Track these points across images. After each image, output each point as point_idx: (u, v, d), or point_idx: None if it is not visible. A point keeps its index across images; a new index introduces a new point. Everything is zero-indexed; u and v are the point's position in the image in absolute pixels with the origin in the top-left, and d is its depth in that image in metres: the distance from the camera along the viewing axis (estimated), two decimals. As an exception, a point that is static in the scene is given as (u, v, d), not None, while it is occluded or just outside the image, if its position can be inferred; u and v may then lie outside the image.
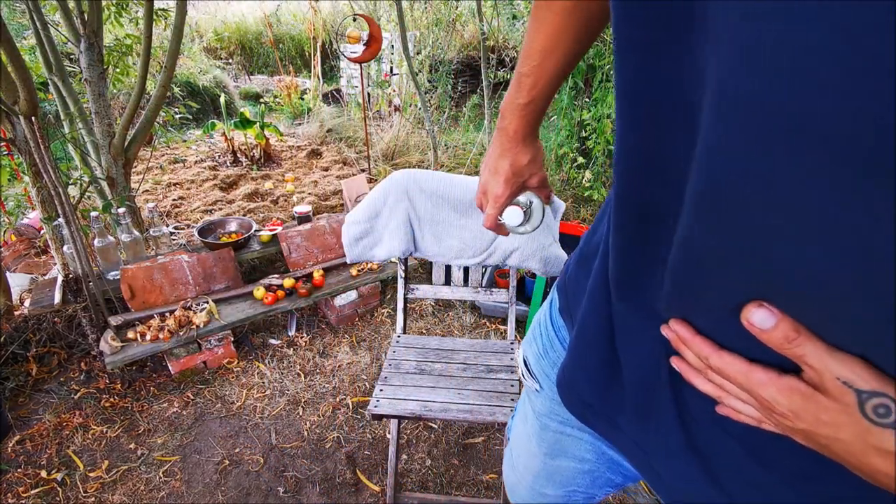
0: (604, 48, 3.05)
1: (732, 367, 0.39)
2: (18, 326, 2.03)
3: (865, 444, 0.33)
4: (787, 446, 0.40)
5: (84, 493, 1.57)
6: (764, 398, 0.38)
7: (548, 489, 0.81)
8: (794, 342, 0.34)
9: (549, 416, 0.72)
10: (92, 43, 2.10)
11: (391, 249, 1.54)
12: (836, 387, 0.33)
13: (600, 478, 0.75)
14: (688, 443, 0.48)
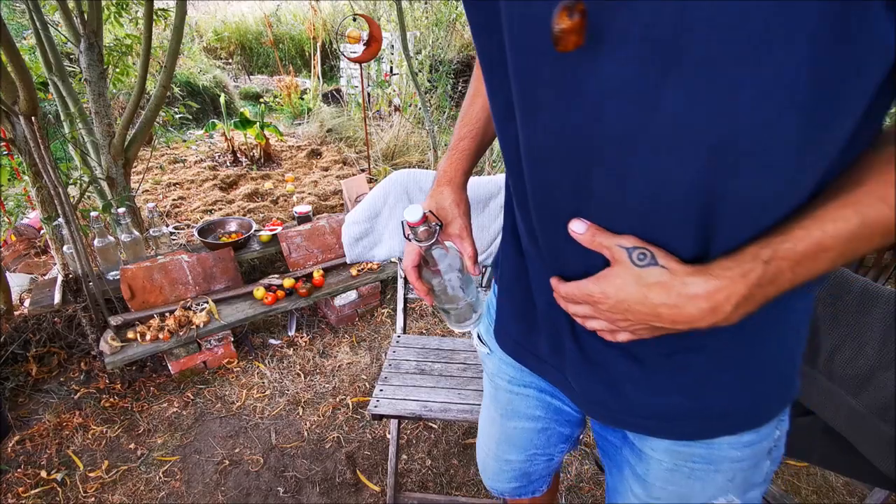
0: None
1: (570, 288, 0.53)
2: (18, 326, 2.03)
3: (641, 286, 0.46)
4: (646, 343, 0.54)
5: (84, 493, 1.57)
6: (590, 296, 0.50)
7: (510, 454, 0.88)
8: (596, 236, 0.49)
9: (500, 376, 0.82)
10: (92, 43, 2.10)
11: (391, 249, 1.54)
12: (618, 253, 0.48)
13: (553, 434, 0.83)
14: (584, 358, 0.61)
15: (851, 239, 0.41)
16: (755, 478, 0.65)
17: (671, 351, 0.55)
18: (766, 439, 0.62)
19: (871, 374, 0.98)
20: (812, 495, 1.62)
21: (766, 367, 0.57)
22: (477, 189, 1.52)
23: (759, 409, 0.59)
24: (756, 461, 0.63)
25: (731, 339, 0.53)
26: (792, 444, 1.16)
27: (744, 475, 0.63)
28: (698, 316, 0.45)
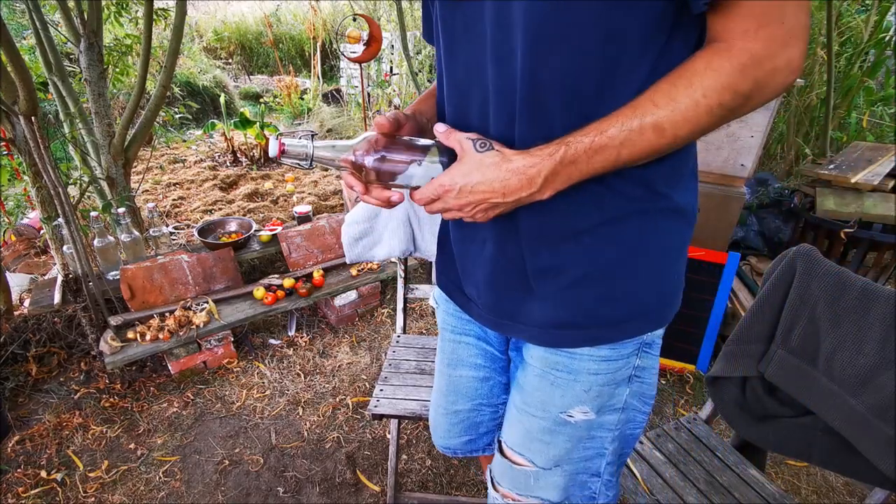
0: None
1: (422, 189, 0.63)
2: (18, 326, 2.03)
3: (481, 167, 0.59)
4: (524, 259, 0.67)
5: (84, 494, 1.57)
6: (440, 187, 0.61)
7: (458, 405, 0.94)
8: (450, 134, 0.62)
9: (445, 328, 0.89)
10: (92, 43, 2.10)
11: (391, 249, 1.54)
12: (465, 144, 0.60)
13: (496, 385, 0.90)
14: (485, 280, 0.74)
15: (628, 134, 0.54)
16: (612, 401, 0.72)
17: (544, 266, 0.66)
18: (623, 361, 0.70)
19: (871, 374, 0.98)
20: (812, 495, 1.62)
21: (623, 289, 0.65)
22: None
23: (614, 326, 0.67)
24: (614, 382, 0.71)
25: (590, 258, 0.64)
26: (792, 445, 1.16)
27: (600, 390, 0.70)
28: (518, 186, 0.58)
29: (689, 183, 0.66)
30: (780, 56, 0.50)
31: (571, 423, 0.72)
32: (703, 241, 2.10)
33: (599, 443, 0.74)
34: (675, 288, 0.70)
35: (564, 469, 0.74)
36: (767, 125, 1.83)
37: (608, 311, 0.66)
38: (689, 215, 0.67)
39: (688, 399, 2.00)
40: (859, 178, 2.20)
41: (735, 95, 0.51)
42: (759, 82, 0.51)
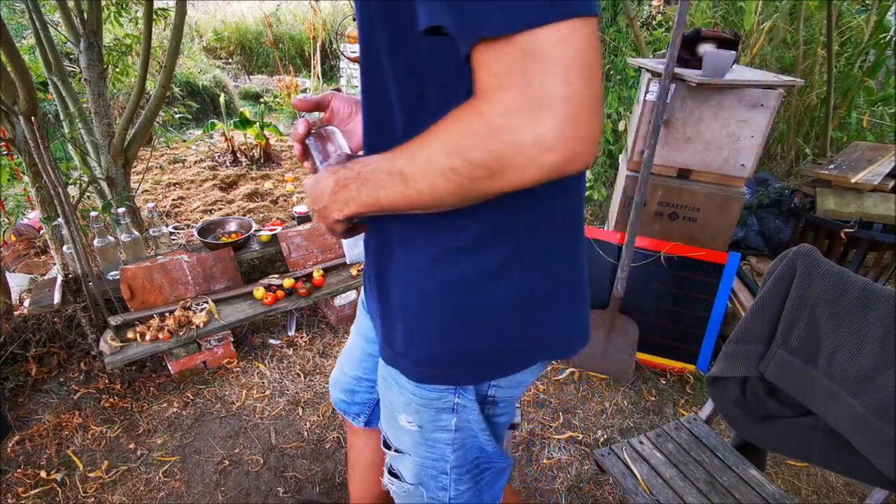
0: (604, 48, 3.04)
1: None
2: (18, 326, 2.03)
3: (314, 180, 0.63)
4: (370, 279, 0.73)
5: (84, 494, 1.57)
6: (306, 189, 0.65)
7: (346, 366, 1.01)
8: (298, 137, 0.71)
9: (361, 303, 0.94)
10: (91, 43, 2.09)
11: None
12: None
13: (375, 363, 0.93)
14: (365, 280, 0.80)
15: (380, 175, 0.53)
16: (439, 423, 0.71)
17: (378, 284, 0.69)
18: (437, 394, 0.68)
19: (872, 374, 0.98)
20: (812, 495, 1.62)
21: (418, 334, 0.64)
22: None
23: (416, 366, 0.66)
24: (434, 408, 0.69)
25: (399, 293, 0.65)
26: (792, 445, 1.16)
27: (419, 409, 0.70)
28: (316, 196, 0.62)
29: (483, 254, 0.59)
30: (522, 130, 0.41)
31: (404, 426, 0.74)
32: (704, 241, 2.10)
33: (440, 450, 0.74)
34: (486, 352, 0.63)
35: (413, 459, 0.77)
36: (767, 125, 1.83)
37: (408, 348, 0.66)
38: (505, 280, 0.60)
39: (688, 399, 2.00)
40: (859, 178, 2.20)
41: (468, 164, 0.45)
42: (497, 156, 0.43)
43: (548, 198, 0.58)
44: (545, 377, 2.09)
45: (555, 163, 0.42)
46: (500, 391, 0.71)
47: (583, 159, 0.43)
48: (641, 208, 1.92)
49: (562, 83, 0.40)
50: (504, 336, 0.63)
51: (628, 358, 2.08)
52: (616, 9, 2.99)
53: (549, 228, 0.61)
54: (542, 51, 0.40)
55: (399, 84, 0.54)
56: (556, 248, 0.62)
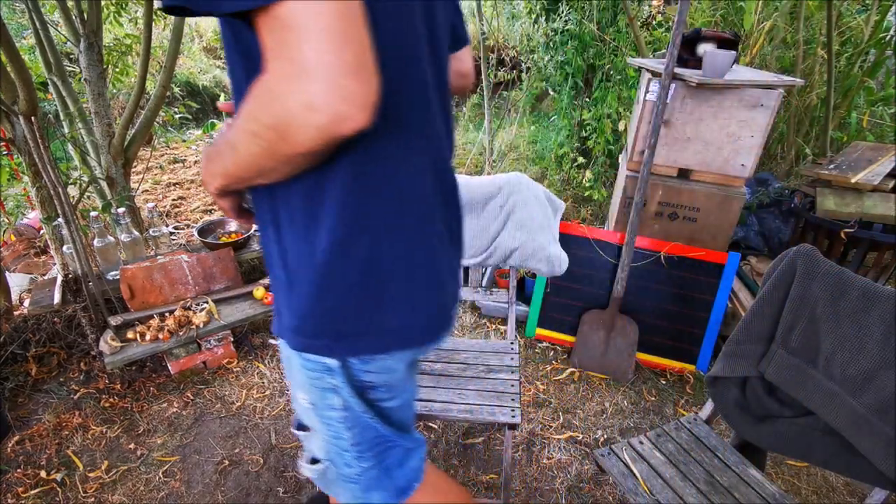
0: (604, 48, 3.04)
1: None
2: (18, 326, 2.03)
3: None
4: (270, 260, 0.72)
5: (84, 494, 1.57)
6: None
7: None
8: None
9: None
10: (91, 43, 2.09)
11: (391, 249, 1.54)
12: None
13: None
14: None
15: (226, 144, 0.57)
16: (325, 399, 0.73)
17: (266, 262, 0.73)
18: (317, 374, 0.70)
19: (872, 374, 0.98)
20: (812, 495, 1.62)
21: (287, 296, 0.68)
22: (476, 189, 1.52)
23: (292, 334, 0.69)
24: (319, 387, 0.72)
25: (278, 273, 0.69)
26: (792, 445, 1.16)
27: (309, 387, 0.73)
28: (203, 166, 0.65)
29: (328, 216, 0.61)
30: (291, 95, 0.46)
31: (302, 403, 0.76)
32: (704, 241, 2.10)
33: (335, 428, 0.76)
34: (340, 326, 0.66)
35: (318, 436, 0.79)
36: (767, 125, 1.83)
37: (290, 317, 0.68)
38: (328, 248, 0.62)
39: (688, 399, 2.00)
40: (859, 178, 2.20)
41: (263, 128, 0.50)
42: (279, 119, 0.48)
43: (385, 171, 0.62)
44: (545, 377, 2.09)
45: (321, 123, 0.47)
46: (374, 377, 0.73)
47: (353, 121, 0.47)
48: (641, 208, 1.92)
49: (317, 51, 0.44)
50: (355, 312, 0.66)
51: (628, 358, 2.08)
52: (616, 9, 2.99)
53: (395, 206, 0.63)
54: (297, 21, 0.44)
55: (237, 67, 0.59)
56: (404, 225, 0.65)
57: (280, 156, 0.52)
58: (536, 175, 3.84)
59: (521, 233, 1.51)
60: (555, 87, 3.44)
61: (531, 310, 2.29)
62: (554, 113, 3.87)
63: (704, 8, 3.28)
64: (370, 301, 0.66)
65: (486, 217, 1.54)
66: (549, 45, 3.36)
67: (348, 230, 0.61)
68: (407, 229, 0.65)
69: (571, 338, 2.23)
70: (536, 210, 1.51)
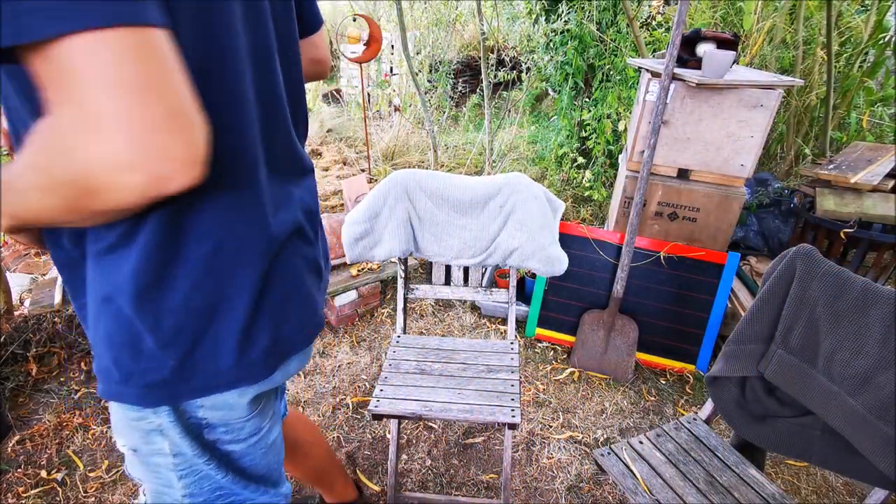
0: (604, 48, 3.05)
1: None
2: (19, 326, 2.03)
3: None
4: None
5: (84, 493, 1.57)
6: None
7: None
8: None
9: None
10: (92, 43, 2.09)
11: (391, 249, 1.54)
12: None
13: None
14: None
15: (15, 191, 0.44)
16: (151, 444, 0.65)
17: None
18: (137, 414, 0.63)
19: (871, 374, 0.98)
20: (812, 495, 1.62)
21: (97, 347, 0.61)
22: (477, 189, 1.52)
23: (104, 381, 0.61)
24: (140, 429, 0.64)
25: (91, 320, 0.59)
26: (792, 444, 1.16)
27: (125, 429, 0.65)
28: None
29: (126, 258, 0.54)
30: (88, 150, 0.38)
31: (121, 449, 0.69)
32: (704, 241, 2.10)
33: (164, 476, 0.68)
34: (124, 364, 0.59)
35: (147, 484, 0.71)
36: (767, 125, 1.83)
37: (97, 362, 0.62)
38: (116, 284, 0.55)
39: (688, 399, 2.00)
40: (859, 178, 2.20)
41: (54, 181, 0.41)
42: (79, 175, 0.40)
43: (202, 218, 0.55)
44: (545, 377, 2.10)
45: (138, 183, 0.40)
46: (210, 412, 0.65)
47: (175, 179, 0.41)
48: (641, 208, 1.92)
49: (115, 101, 0.37)
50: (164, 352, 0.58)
51: (628, 358, 2.08)
52: (616, 9, 3.00)
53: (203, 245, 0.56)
54: (80, 71, 0.36)
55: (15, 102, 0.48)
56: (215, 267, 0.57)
57: (87, 212, 0.43)
58: (536, 175, 3.84)
59: (521, 233, 1.51)
60: (555, 87, 3.45)
61: (531, 310, 2.29)
62: (554, 113, 3.87)
63: (704, 8, 3.28)
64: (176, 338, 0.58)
65: (486, 217, 1.54)
66: (549, 46, 3.36)
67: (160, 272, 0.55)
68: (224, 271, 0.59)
69: (571, 338, 2.23)
70: (536, 210, 1.51)
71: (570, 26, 3.08)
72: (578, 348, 2.15)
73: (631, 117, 2.50)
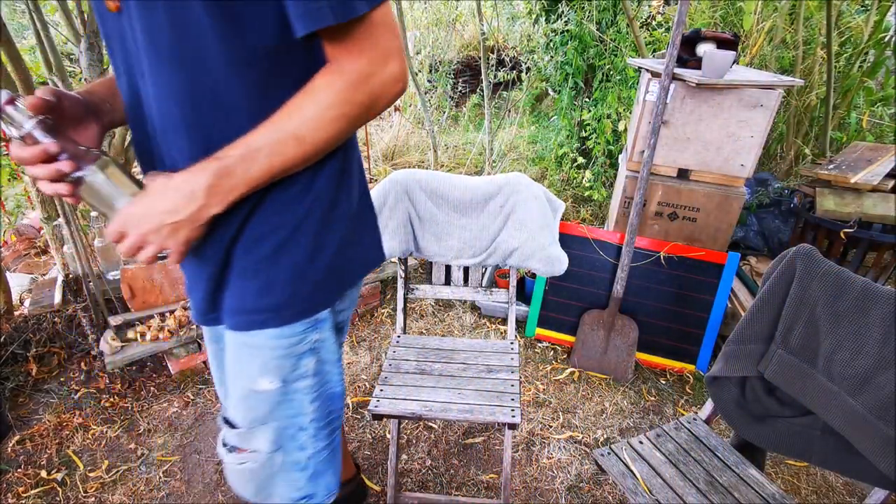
0: (604, 48, 3.05)
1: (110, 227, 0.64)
2: (18, 326, 2.03)
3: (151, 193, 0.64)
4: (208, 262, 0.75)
5: (84, 493, 1.57)
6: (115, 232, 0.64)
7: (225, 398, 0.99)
8: None
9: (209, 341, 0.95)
10: (92, 43, 2.09)
11: (391, 249, 1.54)
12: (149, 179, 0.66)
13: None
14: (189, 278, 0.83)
15: (273, 144, 0.63)
16: (298, 370, 0.81)
17: (221, 265, 0.75)
18: (298, 338, 0.78)
19: (871, 373, 0.98)
20: (812, 495, 1.62)
21: (277, 278, 0.74)
22: (476, 189, 1.52)
23: (278, 312, 0.75)
24: (294, 355, 0.79)
25: (246, 256, 0.73)
26: (792, 444, 1.16)
27: (279, 363, 0.78)
28: (182, 203, 0.62)
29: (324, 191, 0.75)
30: (381, 73, 0.62)
31: (263, 392, 0.80)
32: (704, 241, 2.10)
33: (298, 403, 0.83)
34: (312, 278, 0.77)
35: (271, 427, 0.83)
36: (767, 125, 1.83)
37: (267, 300, 0.75)
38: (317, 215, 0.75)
39: (688, 399, 2.00)
40: (859, 178, 2.20)
41: (353, 105, 0.63)
42: (373, 93, 0.63)
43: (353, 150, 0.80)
44: (545, 377, 2.10)
45: (398, 90, 0.65)
46: (342, 315, 0.87)
47: (405, 86, 0.66)
48: (641, 208, 1.92)
49: (395, 39, 0.63)
50: (344, 252, 0.79)
51: (628, 358, 2.08)
52: (616, 9, 3.00)
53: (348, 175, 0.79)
54: (381, 21, 0.61)
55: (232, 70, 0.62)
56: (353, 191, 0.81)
57: (356, 127, 0.66)
58: (536, 175, 3.84)
59: (521, 233, 1.51)
60: (555, 87, 3.44)
61: (531, 310, 2.29)
62: (554, 113, 3.87)
63: (704, 8, 3.28)
64: (350, 242, 0.80)
65: (486, 217, 1.54)
66: (549, 46, 3.36)
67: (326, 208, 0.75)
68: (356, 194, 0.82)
69: (571, 338, 2.23)
70: (536, 210, 1.51)
71: (569, 26, 3.08)
72: (578, 348, 2.15)
73: (631, 117, 2.50)
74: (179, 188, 0.63)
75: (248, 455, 0.84)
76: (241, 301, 0.76)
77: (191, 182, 0.62)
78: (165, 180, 0.64)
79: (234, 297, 0.76)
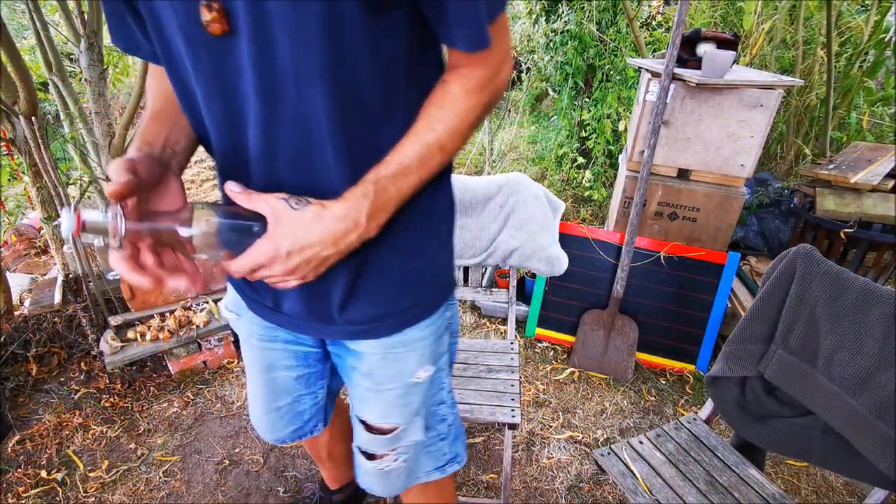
0: (604, 48, 3.05)
1: (240, 265, 0.60)
2: (18, 326, 2.03)
3: (304, 225, 0.59)
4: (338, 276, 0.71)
5: (84, 493, 1.57)
6: (260, 262, 0.59)
7: (279, 401, 1.01)
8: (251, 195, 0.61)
9: (252, 337, 0.93)
10: (92, 43, 2.10)
11: (391, 249, 1.54)
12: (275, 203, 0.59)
13: (310, 376, 0.99)
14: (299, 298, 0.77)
15: (422, 158, 0.63)
16: (441, 348, 0.87)
17: (355, 276, 0.73)
18: (440, 319, 0.83)
19: (871, 373, 0.98)
20: (812, 495, 1.62)
21: (422, 274, 0.78)
22: (477, 189, 1.52)
23: (427, 303, 0.80)
24: (437, 335, 0.84)
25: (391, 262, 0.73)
26: (792, 444, 1.16)
27: (431, 349, 0.84)
28: (346, 231, 0.60)
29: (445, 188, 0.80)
30: (503, 72, 0.66)
31: (420, 381, 0.85)
32: (704, 241, 2.10)
33: (439, 381, 0.90)
34: (447, 265, 0.84)
35: (422, 414, 0.89)
36: (767, 125, 1.83)
37: (417, 295, 0.78)
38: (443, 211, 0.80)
39: (688, 399, 2.00)
40: (859, 178, 2.20)
41: (485, 107, 0.66)
42: (496, 92, 0.67)
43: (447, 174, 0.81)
44: (545, 377, 2.10)
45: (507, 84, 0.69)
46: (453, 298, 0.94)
47: None
48: (641, 208, 1.92)
49: (508, 42, 0.65)
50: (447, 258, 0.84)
51: (628, 358, 2.08)
52: (616, 9, 3.00)
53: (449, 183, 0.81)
54: (505, 23, 0.64)
55: (377, 80, 0.60)
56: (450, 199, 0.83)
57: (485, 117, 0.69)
58: (536, 175, 3.84)
59: (521, 233, 1.51)
60: (555, 87, 3.45)
61: (531, 310, 2.29)
62: (554, 113, 3.87)
63: (704, 8, 3.28)
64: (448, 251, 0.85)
65: (485, 217, 1.54)
66: (549, 46, 3.36)
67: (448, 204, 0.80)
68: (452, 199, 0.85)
69: (571, 338, 2.23)
70: (536, 210, 1.51)
71: (569, 26, 3.08)
72: (578, 348, 2.15)
73: (631, 117, 2.51)
74: (344, 217, 0.60)
75: (394, 454, 0.89)
76: (386, 307, 0.76)
77: (354, 210, 0.60)
78: (319, 210, 0.59)
79: (376, 306, 0.76)
